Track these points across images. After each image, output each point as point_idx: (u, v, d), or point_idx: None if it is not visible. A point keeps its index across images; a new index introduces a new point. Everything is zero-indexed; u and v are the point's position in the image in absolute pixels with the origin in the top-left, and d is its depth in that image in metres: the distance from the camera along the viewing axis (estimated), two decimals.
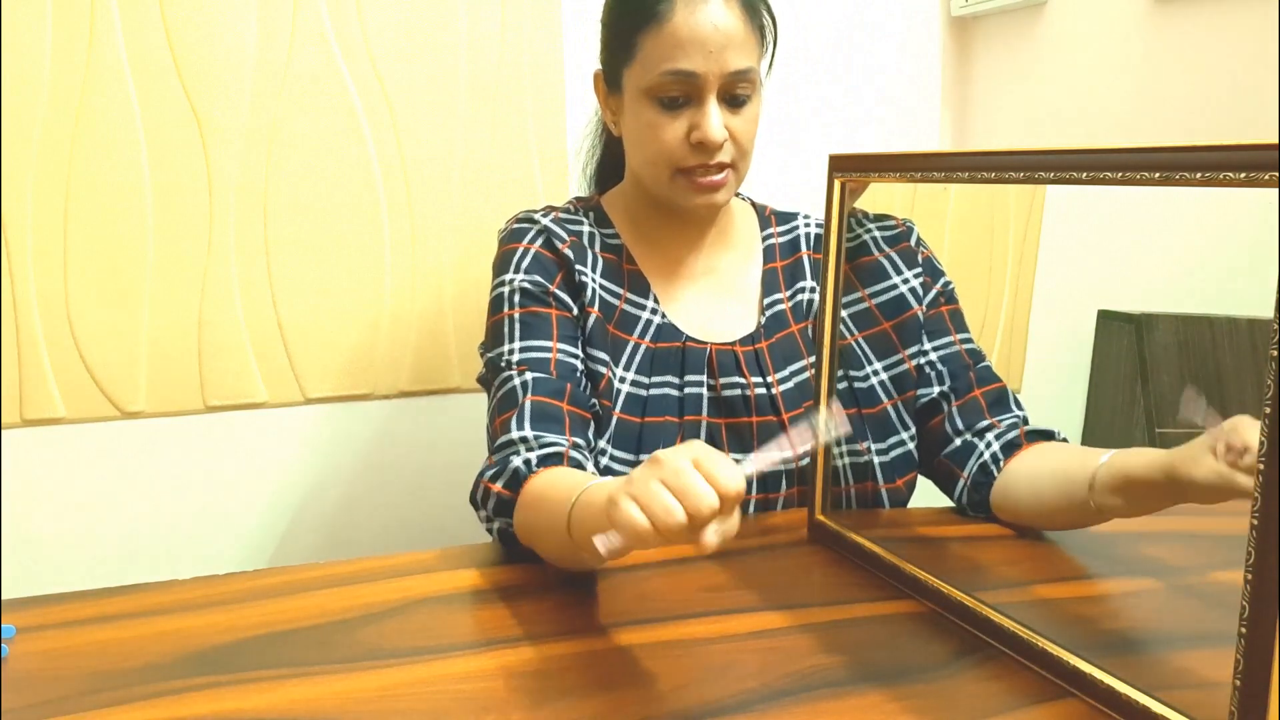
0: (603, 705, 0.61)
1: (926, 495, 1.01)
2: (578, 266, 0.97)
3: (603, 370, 0.95)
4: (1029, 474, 0.88)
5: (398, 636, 0.70)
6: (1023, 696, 0.63)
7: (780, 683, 0.64)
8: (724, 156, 0.93)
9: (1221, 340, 1.01)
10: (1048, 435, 0.92)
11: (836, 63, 1.53)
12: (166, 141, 1.18)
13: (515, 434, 0.86)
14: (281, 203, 1.24)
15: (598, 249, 1.00)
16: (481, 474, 0.86)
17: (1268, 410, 0.48)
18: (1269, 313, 0.47)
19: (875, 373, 0.97)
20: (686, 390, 0.97)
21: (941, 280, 1.01)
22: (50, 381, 1.18)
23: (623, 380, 0.96)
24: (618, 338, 0.97)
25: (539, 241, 0.98)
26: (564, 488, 0.74)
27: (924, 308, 0.98)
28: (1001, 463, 0.90)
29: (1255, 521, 0.50)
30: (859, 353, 0.97)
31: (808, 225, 1.07)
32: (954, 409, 0.96)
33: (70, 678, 0.63)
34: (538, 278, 0.96)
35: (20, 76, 1.12)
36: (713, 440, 0.96)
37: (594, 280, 0.98)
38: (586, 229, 1.01)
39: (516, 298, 0.96)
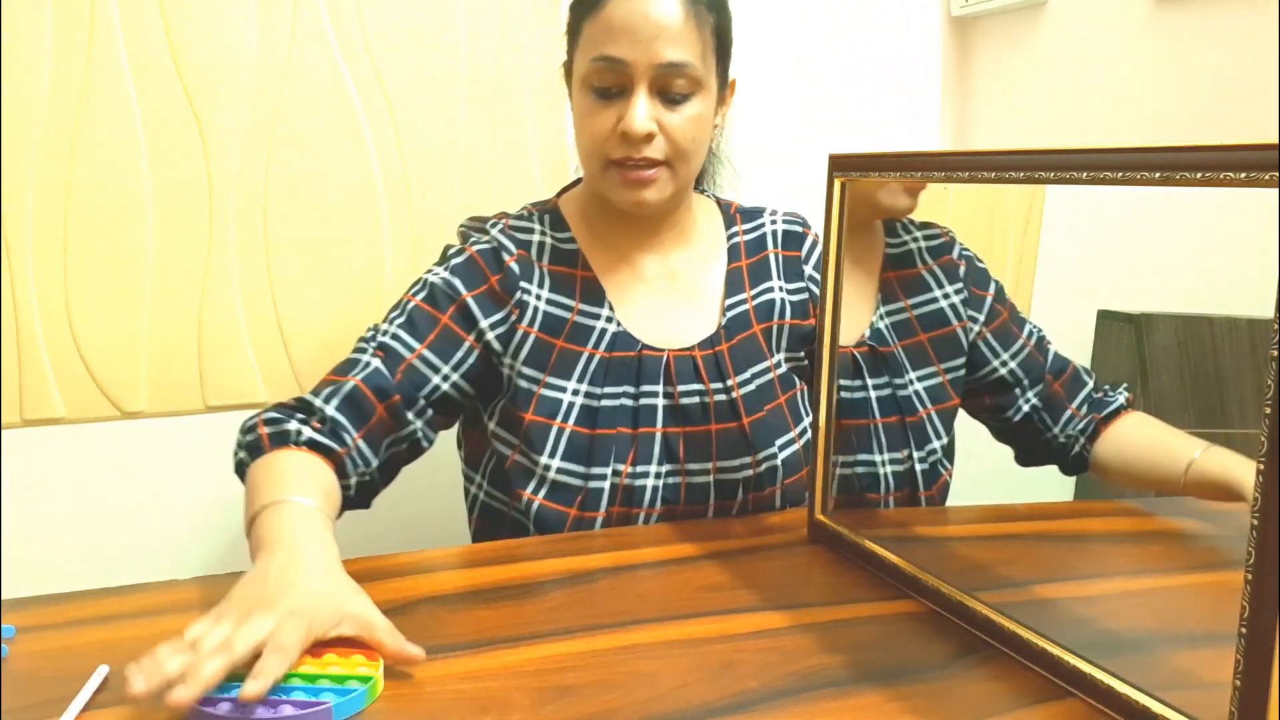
0: (603, 705, 0.61)
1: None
2: (522, 284, 0.94)
3: (533, 389, 0.93)
4: (1116, 451, 0.95)
5: None
6: (1023, 696, 0.63)
7: (780, 683, 0.64)
8: (654, 152, 0.89)
9: (1221, 340, 1.02)
10: (1117, 408, 0.96)
11: (836, 63, 1.53)
12: (166, 141, 1.18)
13: (320, 403, 0.86)
14: (281, 202, 1.24)
15: (547, 261, 0.96)
16: (265, 412, 0.85)
17: (1268, 410, 0.48)
18: (1269, 313, 0.47)
19: (911, 381, 0.97)
20: (642, 401, 0.94)
21: (992, 285, 0.99)
22: (50, 381, 1.18)
23: (575, 393, 0.93)
24: (568, 351, 0.94)
25: (480, 250, 0.95)
26: (286, 482, 0.76)
27: (983, 318, 0.98)
28: (1090, 448, 0.95)
29: (1255, 521, 0.50)
30: (902, 360, 0.97)
31: (774, 223, 1.04)
32: (1045, 417, 0.97)
33: (70, 678, 0.63)
34: (456, 282, 0.93)
35: (20, 76, 1.12)
36: (669, 450, 0.94)
37: (539, 298, 0.94)
38: (537, 238, 0.97)
39: (423, 292, 0.94)
